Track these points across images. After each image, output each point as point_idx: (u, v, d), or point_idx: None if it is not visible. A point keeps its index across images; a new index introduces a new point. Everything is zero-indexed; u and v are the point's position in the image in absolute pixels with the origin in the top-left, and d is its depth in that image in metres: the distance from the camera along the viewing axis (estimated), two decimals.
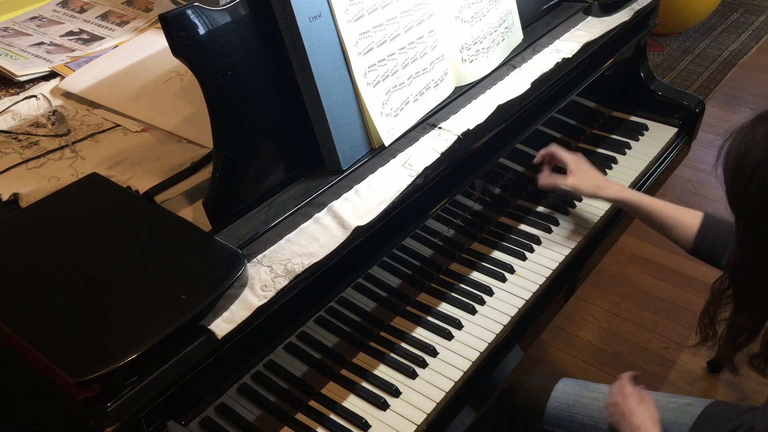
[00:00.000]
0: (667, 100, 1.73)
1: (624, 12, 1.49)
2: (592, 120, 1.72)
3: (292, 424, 1.05)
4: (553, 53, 1.34)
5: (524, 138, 1.36)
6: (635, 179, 1.56)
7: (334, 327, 1.10)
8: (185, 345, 0.80)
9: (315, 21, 0.97)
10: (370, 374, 1.12)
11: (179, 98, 1.28)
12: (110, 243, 0.89)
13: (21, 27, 1.63)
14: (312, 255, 0.92)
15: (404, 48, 1.11)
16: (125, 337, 0.76)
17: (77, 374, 0.71)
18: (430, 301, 1.25)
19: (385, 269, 1.16)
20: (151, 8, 1.66)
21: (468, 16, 1.23)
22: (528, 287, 1.27)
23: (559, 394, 1.27)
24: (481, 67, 1.26)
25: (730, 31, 3.81)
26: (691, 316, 2.10)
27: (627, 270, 2.26)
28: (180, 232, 0.91)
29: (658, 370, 1.96)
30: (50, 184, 1.09)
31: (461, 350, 1.16)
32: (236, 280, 0.84)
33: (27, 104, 1.32)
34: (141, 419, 0.77)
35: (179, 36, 0.86)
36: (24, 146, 1.19)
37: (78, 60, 1.46)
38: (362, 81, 1.04)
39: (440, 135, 1.12)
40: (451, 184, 1.20)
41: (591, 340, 2.06)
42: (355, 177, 1.04)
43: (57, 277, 0.84)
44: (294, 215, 0.98)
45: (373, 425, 1.05)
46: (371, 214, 0.98)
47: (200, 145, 1.16)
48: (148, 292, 0.82)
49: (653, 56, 3.53)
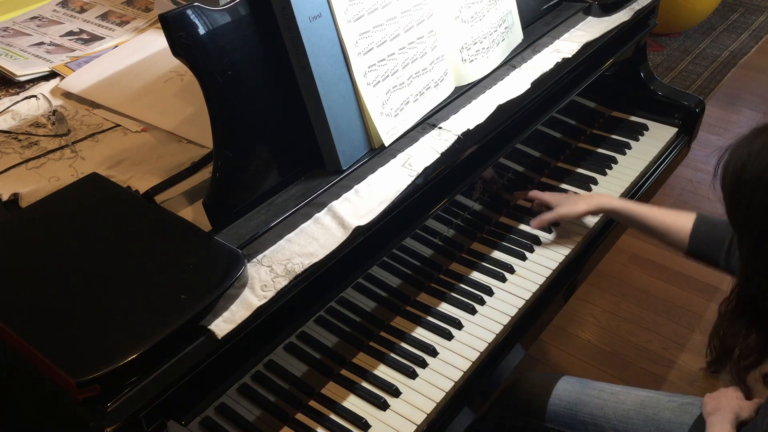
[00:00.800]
0: (667, 100, 1.73)
1: (624, 12, 1.49)
2: (592, 120, 1.72)
3: (292, 424, 1.05)
4: (553, 53, 1.34)
5: (524, 138, 1.36)
6: (635, 179, 1.56)
7: (334, 327, 1.10)
8: (185, 345, 0.80)
9: (315, 21, 0.97)
10: (370, 374, 1.12)
11: (179, 98, 1.28)
12: (110, 243, 0.89)
13: (21, 27, 1.63)
14: (312, 255, 0.92)
15: (404, 48, 1.11)
16: (125, 337, 0.76)
17: (77, 374, 0.71)
18: (430, 301, 1.25)
19: (385, 269, 1.16)
20: (151, 8, 1.66)
21: (468, 16, 1.23)
22: (528, 287, 1.27)
23: (561, 392, 1.27)
24: (481, 67, 1.26)
25: (730, 31, 3.81)
26: (691, 316, 2.11)
27: (627, 270, 2.26)
28: (180, 232, 0.91)
29: (658, 370, 1.96)
30: (50, 184, 1.09)
31: (461, 350, 1.16)
32: (236, 280, 0.84)
33: (27, 104, 1.32)
34: (141, 419, 0.77)
35: (179, 36, 0.86)
36: (24, 146, 1.19)
37: (78, 60, 1.46)
38: (362, 81, 1.04)
39: (440, 135, 1.12)
40: (451, 184, 1.20)
41: (591, 340, 2.06)
42: (355, 177, 1.04)
43: (57, 277, 0.84)
44: (294, 215, 0.98)
45: (373, 425, 1.05)
46: (371, 214, 0.98)
47: (200, 145, 1.16)
48: (148, 292, 0.82)
49: (653, 56, 3.53)
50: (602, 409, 1.23)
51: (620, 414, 1.22)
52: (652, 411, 1.21)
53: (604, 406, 1.23)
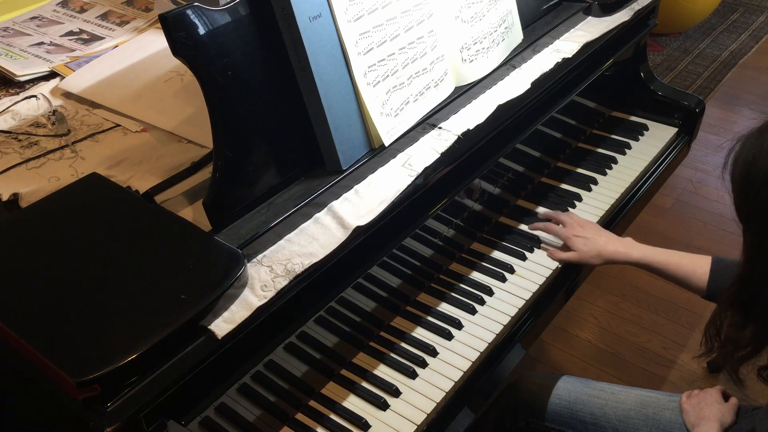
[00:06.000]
0: (667, 100, 1.73)
1: (624, 12, 1.49)
2: (592, 120, 1.72)
3: (292, 424, 1.05)
4: (553, 53, 1.34)
5: (524, 138, 1.36)
6: (635, 179, 1.56)
7: (334, 327, 1.10)
8: (185, 345, 0.80)
9: (315, 21, 0.97)
10: (370, 374, 1.12)
11: (179, 98, 1.28)
12: (110, 243, 0.89)
13: (21, 27, 1.63)
14: (312, 255, 0.92)
15: (404, 48, 1.11)
16: (125, 337, 0.76)
17: (77, 374, 0.71)
18: (430, 301, 1.25)
19: (385, 269, 1.16)
20: (151, 8, 1.66)
21: (468, 16, 1.23)
22: (528, 287, 1.27)
23: (561, 392, 1.27)
24: (481, 67, 1.26)
25: (730, 31, 3.81)
26: (691, 316, 2.11)
27: (627, 270, 2.26)
28: (180, 232, 0.91)
29: (658, 370, 1.96)
30: (50, 184, 1.09)
31: (461, 350, 1.16)
32: (236, 280, 0.84)
33: (27, 104, 1.32)
34: (141, 419, 0.77)
35: (179, 36, 0.86)
36: (24, 146, 1.19)
37: (78, 60, 1.46)
38: (362, 81, 1.04)
39: (440, 135, 1.12)
40: (451, 184, 1.20)
41: (591, 340, 2.06)
42: (355, 177, 1.04)
43: (57, 277, 0.84)
44: (294, 215, 0.98)
45: (373, 425, 1.05)
46: (371, 214, 0.98)
47: (200, 145, 1.16)
48: (148, 292, 0.82)
49: (653, 56, 3.53)
50: (602, 409, 1.23)
51: (620, 414, 1.22)
52: (652, 411, 1.21)
53: (604, 406, 1.23)
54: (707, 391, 1.20)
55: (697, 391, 1.22)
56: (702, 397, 1.19)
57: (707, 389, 1.22)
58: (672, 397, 1.23)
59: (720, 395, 1.19)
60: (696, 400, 1.18)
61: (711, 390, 1.21)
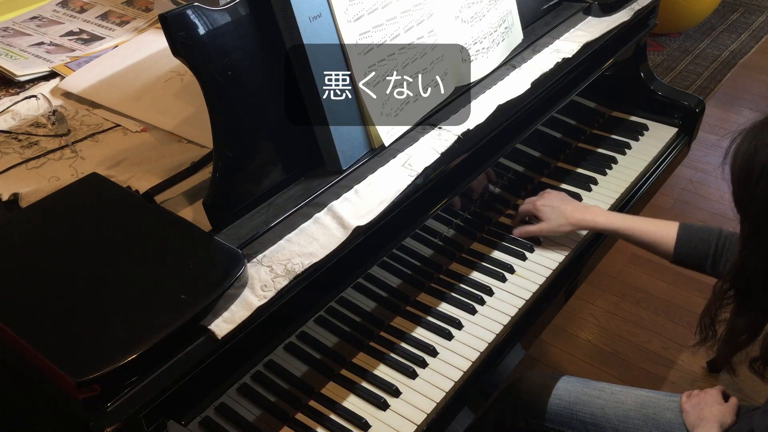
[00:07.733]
0: (667, 100, 1.73)
1: (624, 12, 1.49)
2: (592, 120, 1.72)
3: (292, 424, 1.05)
4: (553, 53, 1.34)
5: (524, 138, 1.36)
6: (635, 179, 1.56)
7: (334, 327, 1.10)
8: (185, 345, 0.80)
9: (315, 21, 0.97)
10: (370, 374, 1.12)
11: (179, 98, 1.28)
12: (110, 243, 0.89)
13: (21, 27, 1.63)
14: (312, 255, 0.92)
15: (404, 48, 1.11)
16: (125, 337, 0.76)
17: (77, 374, 0.71)
18: (430, 301, 1.25)
19: (385, 269, 1.16)
20: (151, 8, 1.66)
21: (468, 16, 1.23)
22: (528, 287, 1.27)
23: (561, 392, 1.27)
24: (481, 67, 1.26)
25: (730, 31, 3.81)
26: (691, 316, 2.10)
27: (627, 270, 2.26)
28: (180, 232, 0.91)
29: (658, 370, 1.96)
30: (50, 184, 1.09)
31: (461, 350, 1.16)
32: (236, 280, 0.84)
33: (27, 104, 1.32)
34: (141, 419, 0.77)
35: (179, 36, 0.86)
36: (24, 146, 1.19)
37: (78, 60, 1.46)
38: (362, 81, 1.04)
39: (440, 135, 1.12)
40: (451, 184, 1.20)
41: (591, 340, 2.06)
42: (355, 177, 1.04)
43: (57, 277, 0.84)
44: (294, 215, 0.98)
45: (373, 425, 1.05)
46: (371, 214, 0.98)
47: (200, 145, 1.16)
48: (148, 292, 0.82)
49: (653, 56, 3.53)
50: (602, 409, 1.23)
51: (620, 414, 1.22)
52: (652, 411, 1.21)
53: (604, 406, 1.24)
54: (707, 392, 1.20)
55: (697, 391, 1.22)
56: (702, 397, 1.19)
57: (707, 389, 1.22)
58: (672, 398, 1.23)
59: (720, 395, 1.19)
60: (696, 401, 1.19)
61: (711, 390, 1.21)
